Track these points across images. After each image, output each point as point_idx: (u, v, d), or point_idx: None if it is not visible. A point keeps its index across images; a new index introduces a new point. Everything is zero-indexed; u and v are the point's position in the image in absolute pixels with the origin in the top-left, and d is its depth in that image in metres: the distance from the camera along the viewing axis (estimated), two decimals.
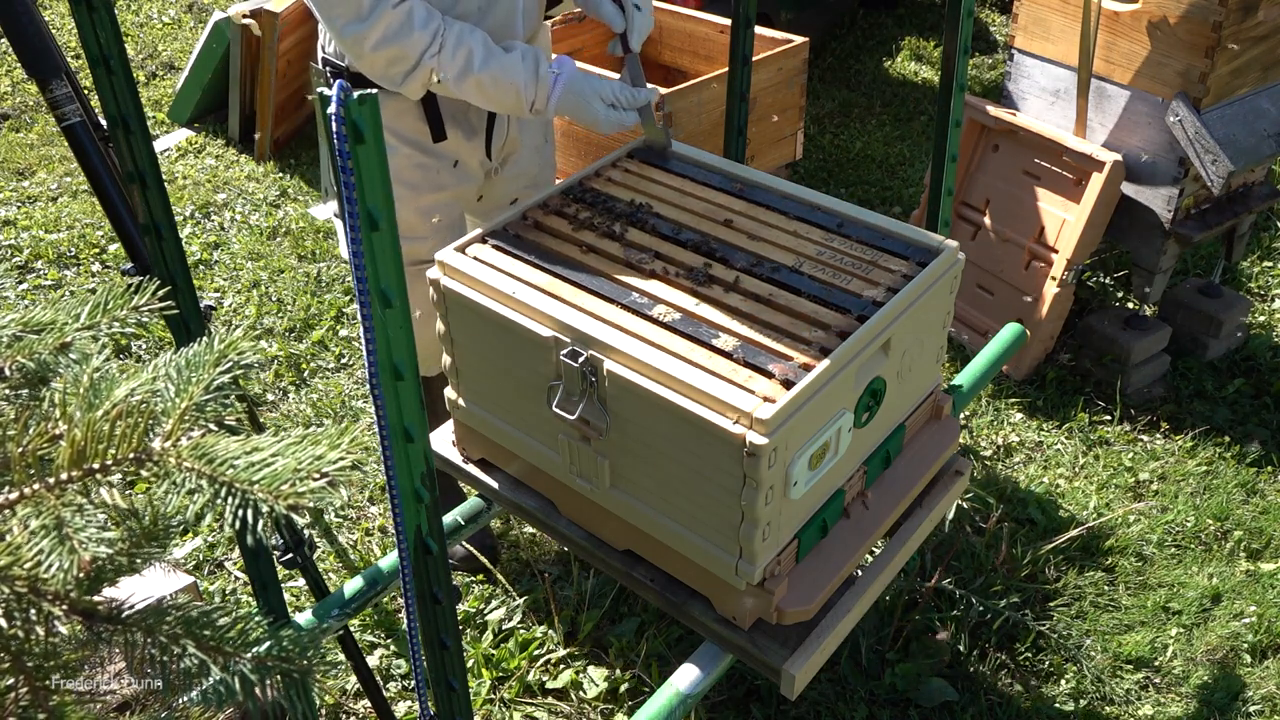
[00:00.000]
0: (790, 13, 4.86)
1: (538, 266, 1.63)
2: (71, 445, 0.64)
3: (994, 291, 3.30)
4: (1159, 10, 2.73)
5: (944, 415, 1.85)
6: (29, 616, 0.59)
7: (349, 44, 1.76)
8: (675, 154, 1.93)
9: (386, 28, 1.72)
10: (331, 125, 0.95)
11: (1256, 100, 2.85)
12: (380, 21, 1.71)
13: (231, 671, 0.65)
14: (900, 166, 4.44)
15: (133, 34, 6.04)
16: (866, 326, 1.48)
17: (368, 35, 1.72)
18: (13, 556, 0.59)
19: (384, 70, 1.79)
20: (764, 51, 3.06)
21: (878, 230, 1.70)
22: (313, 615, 1.72)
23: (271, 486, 0.61)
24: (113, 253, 3.97)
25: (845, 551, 1.61)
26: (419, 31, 1.74)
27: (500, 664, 2.34)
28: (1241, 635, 2.42)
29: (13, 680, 0.60)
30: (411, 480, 1.15)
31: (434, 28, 1.75)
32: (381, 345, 1.05)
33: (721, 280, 1.58)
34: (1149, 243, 3.03)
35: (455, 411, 1.81)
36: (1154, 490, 2.82)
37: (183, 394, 0.68)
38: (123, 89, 1.30)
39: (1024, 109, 3.24)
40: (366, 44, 1.74)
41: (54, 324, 0.76)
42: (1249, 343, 3.29)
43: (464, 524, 1.93)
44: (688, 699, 1.57)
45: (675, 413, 1.40)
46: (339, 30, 1.75)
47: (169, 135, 4.88)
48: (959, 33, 2.07)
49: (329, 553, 2.65)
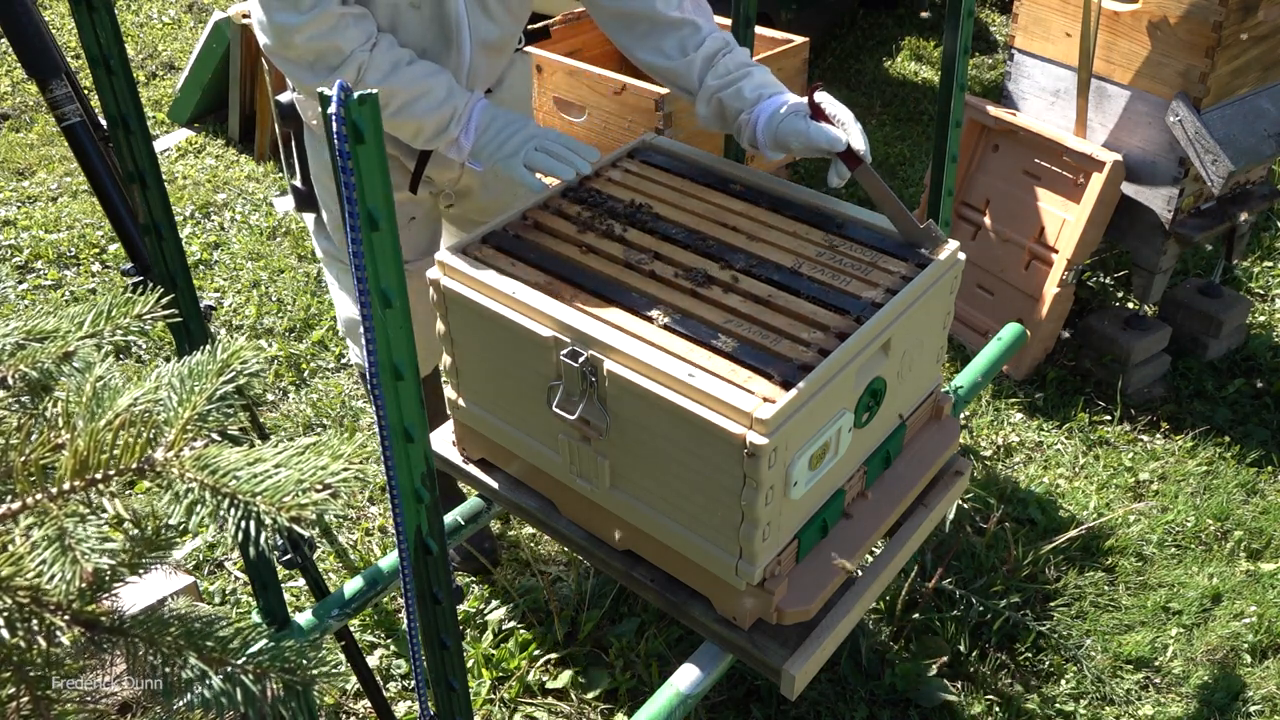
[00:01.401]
0: (790, 13, 4.85)
1: (538, 266, 1.63)
2: (74, 455, 0.64)
3: (994, 291, 3.30)
4: (1159, 10, 2.73)
5: (944, 415, 1.85)
6: (31, 627, 0.59)
7: (275, 31, 1.67)
8: (675, 154, 1.92)
9: (323, 24, 1.66)
10: (332, 125, 0.95)
11: (1256, 100, 2.85)
12: (319, 19, 1.65)
13: (233, 682, 0.64)
14: (900, 166, 4.44)
15: (133, 34, 6.03)
16: (865, 328, 1.48)
17: (301, 28, 1.65)
18: (15, 567, 0.59)
19: (311, 62, 1.70)
20: (764, 51, 3.06)
21: (878, 231, 1.70)
22: (313, 615, 1.72)
23: (274, 498, 0.61)
24: (113, 253, 3.97)
25: (845, 552, 1.61)
26: (354, 29, 1.68)
27: (500, 664, 2.34)
28: (1241, 635, 2.42)
29: (14, 689, 0.60)
30: (411, 480, 1.15)
31: (368, 28, 1.71)
32: (381, 345, 1.05)
33: (721, 281, 1.58)
34: (1149, 243, 3.03)
35: (455, 411, 1.81)
36: (1154, 490, 2.83)
37: (185, 404, 0.68)
38: (123, 89, 1.29)
39: (1024, 109, 3.24)
40: (297, 35, 1.66)
41: (57, 332, 0.75)
42: (1248, 343, 3.29)
43: (464, 524, 1.93)
44: (688, 699, 1.57)
45: (675, 413, 1.40)
46: (268, 15, 1.66)
47: (169, 135, 4.88)
48: (959, 33, 2.07)
49: (329, 553, 2.65)
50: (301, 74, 1.73)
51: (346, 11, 1.67)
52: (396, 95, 1.72)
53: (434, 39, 1.81)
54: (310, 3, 1.63)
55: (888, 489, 1.72)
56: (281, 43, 1.68)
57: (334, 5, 1.65)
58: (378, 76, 1.70)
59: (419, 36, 1.80)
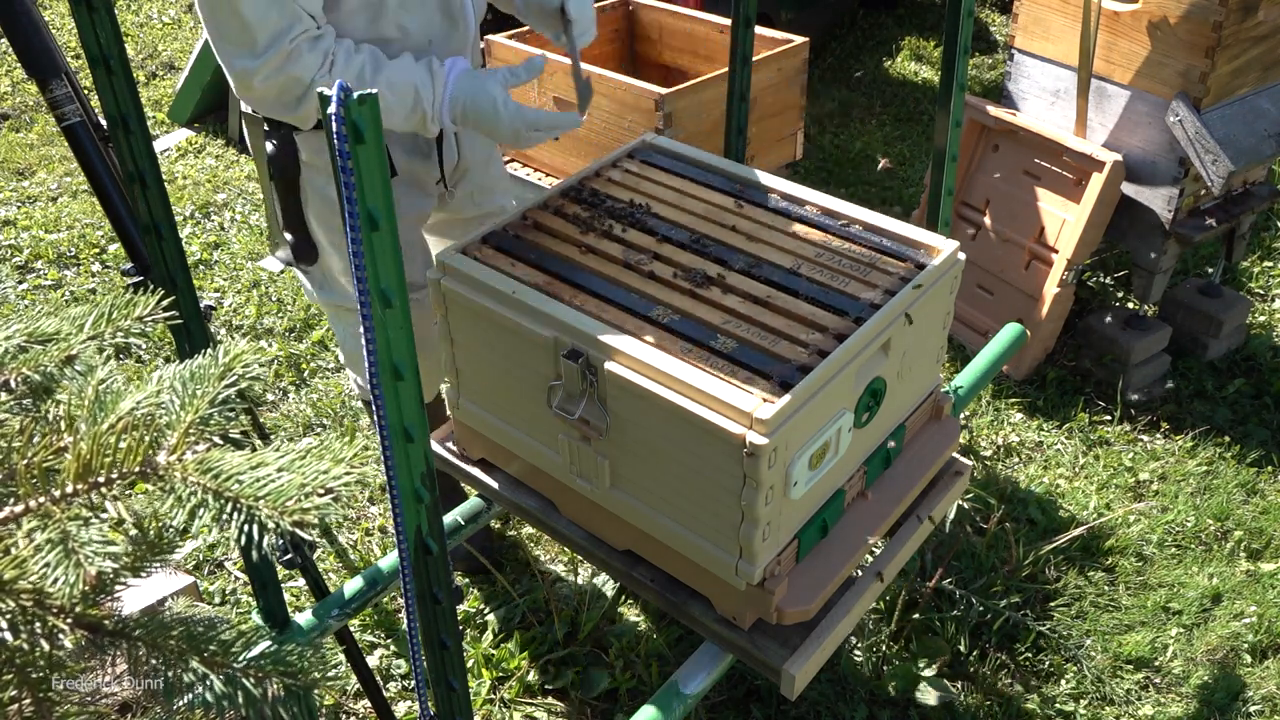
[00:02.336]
0: (790, 13, 4.85)
1: (537, 266, 1.63)
2: (77, 458, 0.64)
3: (994, 291, 3.30)
4: (1159, 10, 2.73)
5: (944, 415, 1.85)
6: (34, 629, 0.59)
7: (236, 77, 1.69)
8: (675, 154, 1.93)
9: (276, 62, 1.66)
10: (332, 125, 0.95)
11: (1256, 100, 2.85)
12: (272, 59, 1.65)
13: (234, 684, 0.65)
14: (900, 166, 4.44)
15: (133, 34, 6.03)
16: (864, 329, 1.48)
17: (258, 70, 1.66)
18: (18, 570, 0.59)
19: (275, 99, 1.72)
20: (764, 51, 3.06)
21: (878, 230, 1.70)
22: (313, 615, 1.72)
23: (277, 503, 0.61)
24: (113, 253, 3.97)
25: (845, 551, 1.61)
26: (308, 55, 1.68)
27: (500, 664, 2.34)
28: (1241, 635, 2.42)
29: (16, 691, 0.60)
30: (411, 480, 1.15)
31: (323, 48, 1.70)
32: (381, 345, 1.05)
33: (720, 281, 1.59)
34: (1149, 243, 3.03)
35: (455, 411, 1.81)
36: (1154, 490, 2.83)
37: (188, 407, 0.68)
38: (123, 89, 1.29)
39: (1024, 109, 3.24)
40: (255, 78, 1.67)
41: (58, 334, 0.75)
42: (1248, 343, 3.29)
43: (464, 524, 1.93)
44: (688, 699, 1.57)
45: (675, 413, 1.40)
46: (228, 63, 1.68)
47: (169, 135, 4.87)
48: (959, 33, 2.07)
49: (329, 553, 2.66)
50: (272, 110, 1.77)
51: (299, 38, 1.67)
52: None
53: (440, 21, 1.87)
54: (265, 44, 1.64)
55: (888, 489, 1.72)
56: (243, 85, 1.71)
57: (285, 41, 1.65)
58: None
59: (426, 21, 1.85)
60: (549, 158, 3.24)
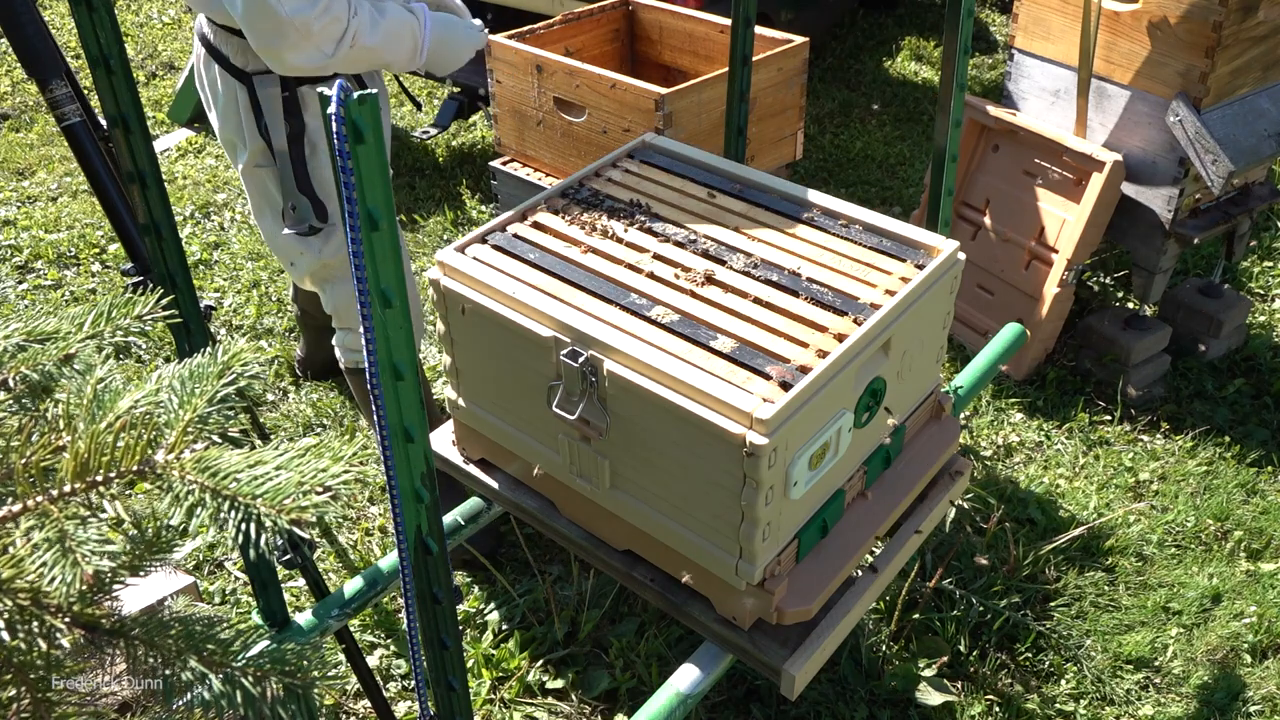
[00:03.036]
0: (790, 13, 4.85)
1: (537, 266, 1.63)
2: (75, 457, 0.64)
3: (994, 291, 3.30)
4: (1159, 10, 2.73)
5: (944, 415, 1.85)
6: (32, 629, 0.59)
7: (296, 26, 1.83)
8: (675, 154, 1.92)
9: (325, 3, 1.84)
10: (332, 125, 0.95)
11: (1256, 100, 2.85)
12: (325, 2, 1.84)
13: (233, 684, 0.65)
14: (900, 166, 4.43)
15: (133, 34, 6.03)
16: (864, 329, 1.48)
17: (315, 15, 1.83)
18: (16, 569, 0.59)
19: (324, 44, 1.89)
20: (764, 51, 3.06)
21: (878, 230, 1.70)
22: (313, 615, 1.72)
23: (275, 501, 0.61)
24: (113, 253, 3.96)
25: (845, 551, 1.61)
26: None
27: (500, 664, 2.34)
28: (1241, 635, 2.42)
29: (15, 691, 0.60)
30: (411, 480, 1.15)
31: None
32: (381, 345, 1.05)
33: (720, 281, 1.59)
34: (1149, 243, 3.03)
35: (455, 411, 1.81)
36: (1154, 490, 2.83)
37: (186, 406, 0.68)
38: (123, 89, 1.30)
39: (1024, 109, 3.23)
40: (315, 24, 1.84)
41: (57, 333, 0.75)
42: (1248, 343, 3.29)
43: (464, 524, 1.93)
44: (688, 699, 1.57)
45: (675, 413, 1.40)
46: (282, 9, 1.81)
47: (169, 135, 4.87)
48: (959, 33, 2.07)
49: (329, 553, 2.65)
50: (312, 57, 1.91)
51: None
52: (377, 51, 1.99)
53: None
54: None
55: (888, 489, 1.72)
56: (302, 35, 1.84)
57: None
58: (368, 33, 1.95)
59: None
60: (549, 158, 3.24)
